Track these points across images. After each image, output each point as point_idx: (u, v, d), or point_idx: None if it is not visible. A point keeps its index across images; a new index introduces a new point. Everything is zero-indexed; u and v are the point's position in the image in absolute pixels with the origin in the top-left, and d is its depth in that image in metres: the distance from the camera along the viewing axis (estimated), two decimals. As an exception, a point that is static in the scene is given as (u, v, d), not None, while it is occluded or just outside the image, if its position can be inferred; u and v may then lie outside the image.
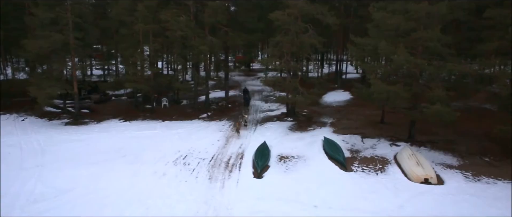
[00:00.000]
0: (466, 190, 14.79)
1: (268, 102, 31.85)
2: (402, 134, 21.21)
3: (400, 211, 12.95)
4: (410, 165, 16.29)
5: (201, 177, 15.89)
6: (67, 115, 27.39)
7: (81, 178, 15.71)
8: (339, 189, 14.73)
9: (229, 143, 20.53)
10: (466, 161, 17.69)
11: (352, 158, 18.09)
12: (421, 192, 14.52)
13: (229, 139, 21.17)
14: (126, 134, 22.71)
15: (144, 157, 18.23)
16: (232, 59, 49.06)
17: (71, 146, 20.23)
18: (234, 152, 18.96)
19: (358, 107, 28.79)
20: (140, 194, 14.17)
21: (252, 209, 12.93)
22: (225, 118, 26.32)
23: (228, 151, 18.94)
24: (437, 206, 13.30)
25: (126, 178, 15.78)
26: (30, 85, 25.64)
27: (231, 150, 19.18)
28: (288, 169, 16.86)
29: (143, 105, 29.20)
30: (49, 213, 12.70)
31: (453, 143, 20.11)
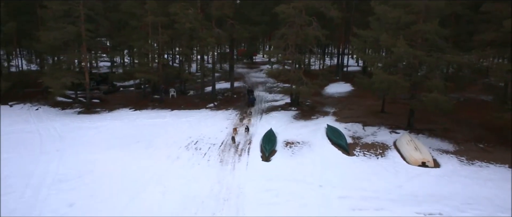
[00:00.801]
0: (460, 172, 15.82)
1: (272, 93, 32.80)
2: (401, 122, 22.18)
3: (399, 190, 13.97)
4: (409, 150, 17.31)
5: (212, 161, 16.92)
6: (78, 105, 28.40)
7: (100, 161, 16.72)
8: (343, 171, 15.76)
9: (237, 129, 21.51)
10: (461, 147, 18.70)
11: (354, 144, 19.10)
12: (418, 174, 15.55)
13: (237, 127, 22.11)
14: (137, 122, 23.72)
15: (157, 143, 19.25)
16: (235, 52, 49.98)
17: (87, 133, 21.24)
18: (242, 138, 19.96)
19: (359, 98, 29.78)
20: (157, 175, 15.19)
21: (261, 188, 13.95)
22: (231, 107, 27.30)
23: (237, 137, 19.93)
24: (433, 186, 14.32)
25: (142, 161, 16.80)
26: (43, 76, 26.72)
27: (239, 137, 20.17)
28: (294, 153, 17.88)
29: (151, 95, 30.21)
30: (74, 192, 13.70)
31: (450, 131, 21.12)
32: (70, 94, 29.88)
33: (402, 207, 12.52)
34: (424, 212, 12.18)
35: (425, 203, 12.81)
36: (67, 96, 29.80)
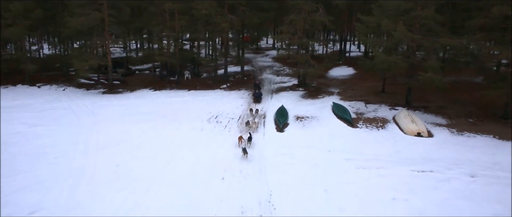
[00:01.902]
0: (450, 141, 18.02)
1: (279, 75, 34.87)
2: (400, 101, 24.25)
3: (397, 154, 16.16)
4: (406, 123, 19.47)
5: (233, 131, 19.11)
6: (101, 86, 30.53)
7: (133, 132, 18.93)
8: (348, 140, 17.96)
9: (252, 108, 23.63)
10: (453, 121, 20.84)
11: (357, 118, 21.25)
12: (414, 142, 17.75)
13: (250, 104, 24.27)
14: (159, 100, 25.89)
15: (181, 117, 21.42)
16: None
17: (115, 109, 23.43)
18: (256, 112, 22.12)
19: (361, 80, 31.82)
20: (186, 143, 17.39)
21: (278, 152, 16.16)
22: (243, 88, 29.38)
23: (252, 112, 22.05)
24: (426, 152, 16.50)
25: (171, 132, 19.01)
26: (71, 59, 28.80)
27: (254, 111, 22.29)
28: (304, 126, 20.07)
29: (167, 77, 32.28)
30: (117, 156, 15.88)
31: (444, 108, 23.23)
32: (92, 76, 31.99)
33: (399, 166, 14.72)
34: (417, 169, 14.39)
35: (419, 164, 15.01)
36: (89, 78, 31.91)
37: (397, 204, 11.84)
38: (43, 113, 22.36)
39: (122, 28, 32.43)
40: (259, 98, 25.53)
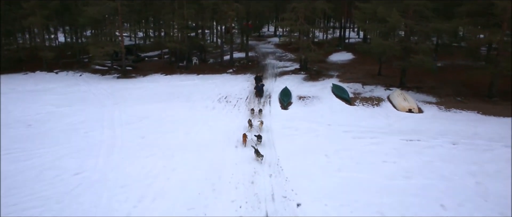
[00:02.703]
0: (438, 116, 19.93)
1: (281, 61, 36.65)
2: (395, 82, 26.04)
3: (389, 127, 18.07)
4: (399, 101, 21.34)
5: (242, 110, 21.03)
6: (115, 71, 32.39)
7: (152, 110, 20.82)
8: (346, 115, 19.88)
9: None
10: (442, 100, 22.70)
11: (354, 98, 23.12)
12: (405, 117, 19.65)
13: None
14: (171, 83, 27.77)
15: (193, 98, 23.32)
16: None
17: (132, 92, 25.33)
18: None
19: (359, 64, 33.61)
20: (201, 119, 19.32)
21: (284, 125, 18.09)
22: (248, 72, 31.19)
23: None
24: (416, 125, 18.38)
25: (185, 110, 20.92)
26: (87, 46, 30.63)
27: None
28: (306, 104, 21.97)
29: (177, 63, 34.11)
30: (140, 130, 17.80)
31: (435, 88, 25.05)
32: (106, 63, 33.82)
33: (390, 136, 16.63)
34: (406, 139, 16.30)
35: (408, 134, 16.91)
36: (103, 64, 33.76)
37: (387, 165, 13.77)
38: (67, 96, 24.28)
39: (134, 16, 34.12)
40: (262, 92, 23.59)
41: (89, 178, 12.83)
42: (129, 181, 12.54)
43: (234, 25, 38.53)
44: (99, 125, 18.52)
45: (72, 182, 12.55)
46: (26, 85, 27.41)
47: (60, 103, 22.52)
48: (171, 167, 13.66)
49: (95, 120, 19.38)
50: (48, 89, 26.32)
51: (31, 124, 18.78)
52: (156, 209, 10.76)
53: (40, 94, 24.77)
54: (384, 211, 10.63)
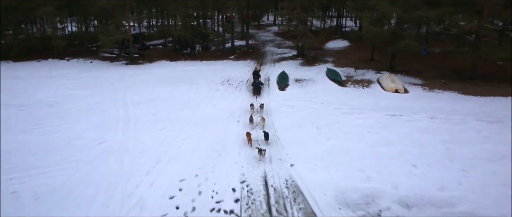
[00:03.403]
0: (422, 95, 21.72)
1: (280, 48, 38.36)
2: (385, 67, 27.75)
3: (376, 104, 19.85)
4: (387, 82, 23.12)
5: (243, 91, 22.85)
6: (123, 58, 34.14)
7: (161, 92, 22.62)
8: (337, 95, 21.65)
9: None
10: (427, 81, 24.44)
11: (347, 80, 24.88)
12: (391, 96, 21.46)
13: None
14: (177, 69, 29.55)
15: (198, 81, 25.09)
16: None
17: (142, 76, 27.11)
18: (262, 77, 25.75)
19: (354, 51, 35.28)
20: (206, 99, 21.14)
21: (281, 104, 19.91)
22: (248, 58, 32.96)
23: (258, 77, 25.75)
24: (400, 103, 20.17)
25: (191, 92, 22.73)
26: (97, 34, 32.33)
27: (259, 77, 25.97)
28: (302, 86, 23.76)
29: (181, 50, 35.85)
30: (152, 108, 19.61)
31: (422, 72, 26.78)
32: (114, 50, 35.56)
33: (376, 112, 18.44)
34: (390, 114, 18.12)
35: (392, 110, 18.70)
36: (111, 52, 35.50)
37: (370, 135, 15.59)
38: (81, 80, 26.08)
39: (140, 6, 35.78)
40: (259, 89, 22.21)
41: (111, 147, 14.70)
42: (146, 148, 14.41)
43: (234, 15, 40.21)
44: (113, 105, 20.36)
45: (96, 149, 14.43)
46: (41, 71, 29.22)
47: (76, 86, 24.35)
48: (181, 137, 15.52)
49: (109, 100, 21.21)
50: (63, 74, 28.12)
51: (52, 104, 20.63)
52: (171, 169, 12.62)
53: (56, 79, 26.58)
54: (364, 170, 12.48)
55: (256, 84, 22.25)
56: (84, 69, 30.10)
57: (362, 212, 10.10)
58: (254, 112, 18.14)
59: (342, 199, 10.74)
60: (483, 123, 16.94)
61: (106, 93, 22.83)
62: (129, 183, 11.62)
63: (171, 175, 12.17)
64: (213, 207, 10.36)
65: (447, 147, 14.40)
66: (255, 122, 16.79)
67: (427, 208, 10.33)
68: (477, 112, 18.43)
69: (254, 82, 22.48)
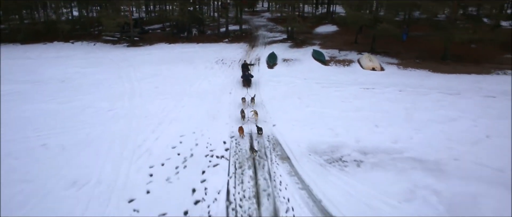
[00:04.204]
0: (396, 72, 24.05)
1: (272, 32, 40.50)
2: (367, 49, 30.05)
3: (353, 80, 22.13)
4: (365, 61, 25.41)
5: (235, 69, 25.06)
6: (124, 41, 36.18)
7: (161, 70, 24.81)
8: (320, 73, 23.94)
9: (248, 54, 29.49)
10: (403, 61, 26.76)
11: (330, 60, 27.16)
12: (368, 74, 23.77)
13: (248, 52, 30.12)
14: (175, 50, 31.68)
15: (195, 61, 27.28)
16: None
17: (143, 57, 29.24)
18: (253, 57, 28.01)
19: (341, 35, 37.40)
20: (202, 75, 23.37)
21: (269, 79, 22.15)
22: (241, 41, 35.13)
23: (249, 57, 27.97)
24: (376, 79, 22.49)
25: (189, 70, 24.92)
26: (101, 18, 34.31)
27: (251, 57, 28.22)
28: (289, 65, 26.02)
29: (178, 34, 37.91)
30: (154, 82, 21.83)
31: (400, 53, 29.04)
32: (115, 34, 37.55)
33: (352, 86, 20.76)
34: (364, 87, 20.47)
35: (366, 84, 21.05)
36: (113, 35, 37.49)
37: (344, 104, 17.91)
38: (87, 60, 28.20)
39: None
40: (249, 81, 21.48)
41: (120, 113, 16.97)
42: (150, 113, 16.70)
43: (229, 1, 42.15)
44: (119, 81, 22.57)
45: (108, 115, 16.70)
46: (49, 52, 31.25)
47: (83, 65, 26.49)
48: (180, 105, 17.81)
49: (115, 77, 23.41)
50: (70, 55, 30.20)
51: (64, 80, 22.80)
52: (172, 129, 14.92)
53: (64, 59, 28.68)
54: (334, 129, 14.83)
55: (246, 76, 21.64)
56: (89, 51, 32.16)
57: (327, 157, 12.49)
58: (246, 106, 17.48)
59: (313, 148, 13.11)
60: (443, 94, 19.33)
61: (111, 70, 25.00)
62: (137, 138, 13.95)
63: (172, 132, 14.50)
64: (207, 154, 12.72)
65: (407, 112, 16.78)
66: (247, 117, 16.02)
67: (380, 155, 12.72)
68: (441, 86, 20.80)
69: (244, 74, 21.86)
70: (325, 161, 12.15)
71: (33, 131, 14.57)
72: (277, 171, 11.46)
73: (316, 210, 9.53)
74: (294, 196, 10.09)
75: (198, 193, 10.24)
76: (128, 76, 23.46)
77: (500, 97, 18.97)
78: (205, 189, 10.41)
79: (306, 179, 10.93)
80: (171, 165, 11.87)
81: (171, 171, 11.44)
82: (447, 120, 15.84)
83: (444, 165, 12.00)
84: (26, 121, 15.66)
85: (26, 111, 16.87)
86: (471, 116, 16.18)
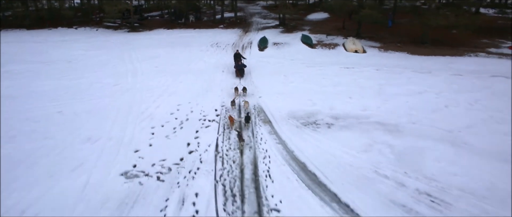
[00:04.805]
0: (377, 54, 25.98)
1: (265, 19, 42.27)
2: (353, 34, 31.95)
3: (336, 61, 24.08)
4: (349, 44, 27.33)
5: (228, 52, 26.97)
6: (124, 27, 37.92)
7: (160, 52, 26.67)
8: (306, 54, 25.88)
9: (242, 38, 31.32)
10: (385, 45, 28.70)
11: (317, 43, 29.06)
12: (351, 55, 25.70)
13: (241, 37, 31.95)
14: (173, 35, 33.51)
15: (192, 45, 29.15)
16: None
17: (143, 41, 31.07)
18: (246, 41, 29.87)
19: (330, 22, 39.21)
20: (198, 57, 25.27)
21: (260, 60, 24.10)
22: (236, 27, 36.95)
23: (242, 41, 29.83)
24: (357, 60, 24.43)
25: (186, 52, 26.81)
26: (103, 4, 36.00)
27: (244, 41, 30.07)
28: (278, 48, 27.92)
29: (176, 21, 39.65)
30: (154, 63, 23.70)
31: (384, 38, 30.99)
32: (116, 20, 39.27)
33: (334, 66, 22.72)
34: (344, 67, 22.43)
35: (347, 65, 23.02)
36: (114, 21, 39.21)
37: (325, 80, 19.85)
38: (91, 44, 30.01)
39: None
40: (242, 71, 21.11)
41: (124, 87, 18.88)
42: (151, 88, 18.62)
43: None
44: (122, 61, 24.44)
45: (113, 89, 18.62)
46: (54, 37, 33.02)
47: (87, 48, 28.33)
48: (178, 81, 19.73)
49: (118, 58, 25.27)
50: (74, 39, 32.00)
51: (70, 61, 24.67)
52: (171, 99, 16.84)
53: (69, 42, 30.49)
54: (312, 100, 16.77)
55: (239, 66, 21.22)
56: (91, 35, 33.95)
57: (303, 121, 14.49)
58: (237, 96, 17.46)
59: (292, 114, 15.10)
60: (415, 73, 21.29)
61: (114, 53, 26.85)
62: (141, 107, 15.91)
63: (171, 102, 16.45)
64: (201, 118, 14.69)
65: (380, 87, 18.73)
66: (237, 105, 16.29)
67: (349, 119, 14.71)
68: (415, 66, 22.74)
69: (237, 64, 21.40)
70: (301, 124, 14.15)
71: (49, 102, 16.51)
72: (259, 131, 13.46)
73: (288, 158, 11.54)
74: (272, 148, 12.11)
75: (192, 146, 12.25)
76: (130, 58, 25.33)
77: (466, 75, 20.95)
78: (198, 143, 12.42)
79: (283, 136, 12.94)
80: (170, 126, 13.85)
81: (170, 131, 13.44)
82: (413, 93, 17.81)
83: (402, 127, 14.01)
84: (41, 94, 17.59)
85: (41, 86, 18.77)
86: (436, 90, 18.16)
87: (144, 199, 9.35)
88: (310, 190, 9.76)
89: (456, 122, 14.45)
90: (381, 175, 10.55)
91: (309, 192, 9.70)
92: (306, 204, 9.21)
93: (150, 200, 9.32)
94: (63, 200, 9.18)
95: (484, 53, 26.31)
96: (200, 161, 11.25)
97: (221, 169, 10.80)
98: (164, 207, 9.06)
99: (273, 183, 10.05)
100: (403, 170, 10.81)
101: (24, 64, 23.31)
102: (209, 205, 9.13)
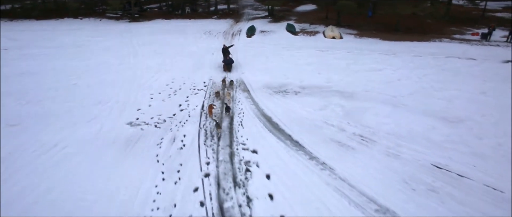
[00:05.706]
0: (352, 40, 28.89)
1: (256, 10, 45.08)
2: (334, 23, 34.83)
3: (315, 46, 26.97)
4: (328, 32, 30.20)
5: (220, 38, 29.86)
6: (126, 18, 40.72)
7: (158, 39, 29.48)
8: (289, 41, 28.77)
9: (232, 27, 34.16)
10: (361, 32, 31.60)
11: (300, 31, 31.93)
12: (328, 41, 28.59)
13: (232, 26, 34.79)
14: (171, 24, 36.34)
15: (187, 32, 32.02)
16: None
17: (142, 29, 33.89)
18: (236, 30, 32.72)
19: (316, 13, 42.05)
20: (192, 42, 28.15)
21: (247, 45, 26.99)
22: (228, 18, 39.79)
23: (233, 30, 32.70)
24: (333, 45, 27.33)
25: (181, 38, 29.67)
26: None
27: (234, 29, 32.93)
28: (265, 35, 30.81)
29: (173, 12, 42.47)
30: (152, 48, 26.60)
31: (362, 26, 33.88)
32: (118, 12, 42.07)
33: (311, 49, 25.62)
34: (320, 50, 25.34)
35: (323, 49, 25.95)
36: (116, 13, 42.02)
37: (300, 60, 22.79)
38: (96, 31, 32.84)
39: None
40: (230, 65, 20.95)
41: (127, 66, 21.78)
42: (150, 66, 21.53)
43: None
44: (125, 46, 27.32)
45: (118, 67, 21.52)
46: (62, 26, 35.82)
47: (94, 35, 31.16)
48: (173, 61, 22.64)
49: (121, 44, 28.13)
50: (80, 28, 34.81)
51: (79, 46, 27.52)
52: (167, 75, 19.73)
53: (76, 31, 33.32)
54: (286, 75, 19.67)
55: (227, 61, 20.95)
56: (96, 25, 36.76)
57: (276, 89, 17.45)
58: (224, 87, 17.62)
59: (267, 85, 18.04)
60: (381, 54, 24.24)
61: (117, 39, 29.70)
62: (141, 80, 18.84)
63: (167, 77, 19.37)
64: (191, 88, 17.63)
65: (347, 66, 21.69)
66: (222, 96, 16.28)
67: (314, 89, 17.65)
68: (383, 49, 25.67)
69: (225, 59, 21.09)
70: (273, 92, 17.11)
71: (64, 77, 19.40)
72: (238, 96, 16.43)
73: (258, 113, 14.50)
74: (246, 108, 15.07)
75: (183, 106, 15.21)
76: (131, 43, 28.20)
77: (425, 56, 23.87)
78: (187, 104, 15.38)
79: (256, 100, 15.90)
80: (165, 93, 16.80)
81: (165, 96, 16.39)
82: (374, 70, 20.74)
83: (356, 94, 16.95)
84: (58, 71, 20.48)
85: (56, 65, 21.65)
86: (394, 68, 21.08)
87: (145, 138, 12.33)
88: (271, 133, 12.73)
89: (402, 90, 17.34)
90: (329, 125, 13.50)
91: (270, 134, 12.67)
92: (266, 140, 12.18)
93: (150, 139, 12.28)
94: (85, 137, 12.16)
95: (448, 39, 29.25)
96: (189, 115, 14.22)
97: (204, 120, 13.78)
98: (160, 142, 12.04)
99: (244, 129, 13.03)
100: (346, 121, 13.76)
101: (39, 48, 26.14)
102: (193, 142, 12.10)
